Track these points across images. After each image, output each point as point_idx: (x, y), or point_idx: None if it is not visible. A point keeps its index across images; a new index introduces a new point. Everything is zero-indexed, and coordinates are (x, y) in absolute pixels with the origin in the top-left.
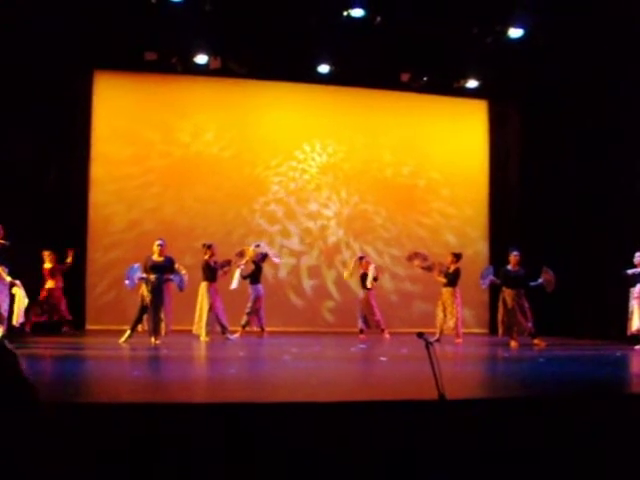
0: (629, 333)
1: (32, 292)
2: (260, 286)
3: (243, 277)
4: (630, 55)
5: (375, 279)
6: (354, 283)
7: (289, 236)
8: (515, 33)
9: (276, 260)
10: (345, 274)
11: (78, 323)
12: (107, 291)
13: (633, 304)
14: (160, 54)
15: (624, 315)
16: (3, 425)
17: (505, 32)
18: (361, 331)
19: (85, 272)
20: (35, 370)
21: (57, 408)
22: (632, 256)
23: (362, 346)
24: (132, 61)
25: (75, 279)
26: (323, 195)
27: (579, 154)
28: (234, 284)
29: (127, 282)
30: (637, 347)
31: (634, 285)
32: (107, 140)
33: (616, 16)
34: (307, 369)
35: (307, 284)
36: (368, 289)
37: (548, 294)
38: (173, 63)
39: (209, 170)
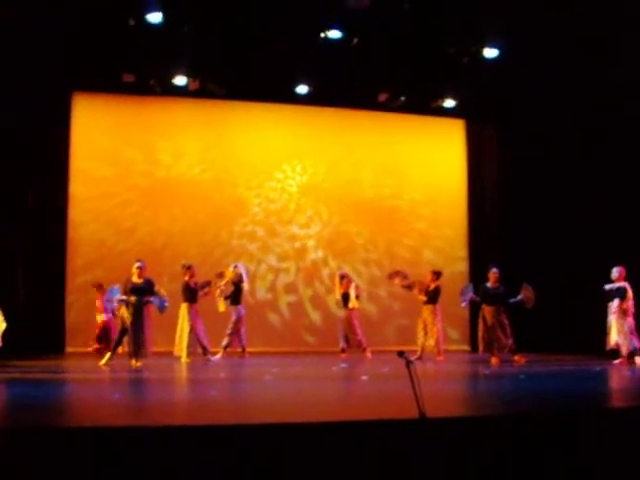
0: (608, 348)
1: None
2: (241, 307)
3: (224, 298)
4: (605, 74)
5: (357, 298)
6: (335, 303)
7: (268, 256)
8: (490, 53)
9: (245, 286)
10: (336, 294)
11: (58, 345)
12: (86, 313)
13: (611, 319)
14: (138, 76)
15: (603, 330)
16: None
17: (480, 52)
18: (342, 350)
19: (64, 293)
20: (14, 394)
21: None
22: (609, 272)
23: (343, 365)
24: (110, 83)
25: (54, 300)
26: (303, 215)
27: (555, 171)
28: (221, 307)
29: (107, 304)
30: (616, 362)
31: (612, 300)
32: (87, 161)
33: (590, 35)
34: (288, 389)
35: (286, 304)
36: (350, 308)
37: (528, 310)
38: (151, 85)
39: (189, 191)
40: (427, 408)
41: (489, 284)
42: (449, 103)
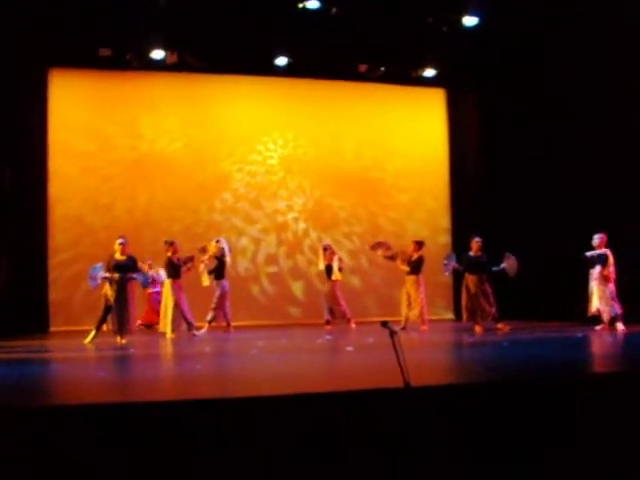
0: (589, 314)
1: None
2: (225, 281)
3: (208, 273)
4: (586, 41)
5: (340, 270)
6: (316, 275)
7: (252, 229)
8: (470, 21)
9: (227, 260)
10: (319, 266)
11: (42, 325)
12: (70, 291)
13: (592, 285)
14: (115, 50)
15: (585, 297)
16: None
17: (460, 21)
18: (327, 322)
19: (47, 271)
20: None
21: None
22: (591, 239)
23: (328, 337)
24: (87, 58)
25: (36, 279)
26: (285, 188)
27: (536, 139)
28: (205, 282)
29: (90, 282)
30: (597, 327)
31: (593, 267)
32: (65, 137)
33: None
34: (274, 362)
35: (270, 278)
36: (333, 280)
37: (510, 279)
38: (128, 59)
39: (169, 165)
40: (412, 377)
41: (472, 253)
42: (429, 72)
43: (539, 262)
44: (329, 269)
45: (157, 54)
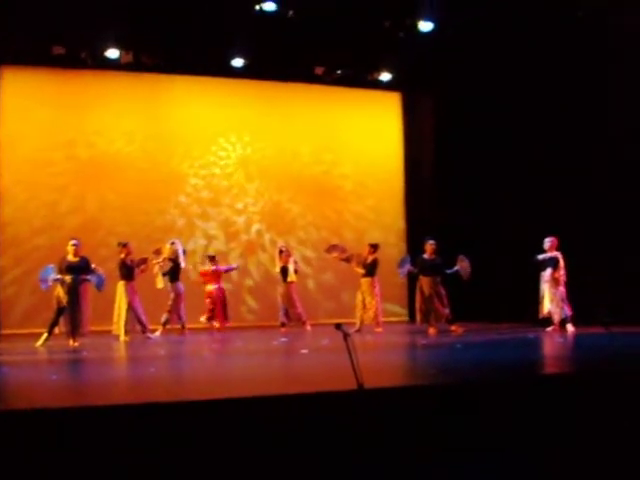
0: (541, 316)
1: None
2: (180, 283)
3: (163, 275)
4: (540, 45)
5: (295, 272)
6: (274, 277)
7: (208, 231)
8: (425, 26)
9: (182, 263)
10: (276, 268)
11: None
12: (21, 293)
13: (543, 288)
14: (68, 48)
15: (536, 299)
16: None
17: (416, 25)
18: (282, 324)
19: None
20: None
21: None
22: (542, 242)
23: (283, 339)
24: (40, 56)
25: None
26: (241, 189)
27: (490, 143)
28: (160, 284)
29: (41, 284)
30: (548, 329)
31: (544, 270)
32: (16, 136)
33: (525, 8)
34: (229, 365)
35: (227, 279)
36: (289, 282)
37: (464, 281)
38: (82, 57)
39: (123, 166)
40: (365, 379)
41: (426, 255)
42: (385, 76)
43: (492, 265)
44: (285, 271)
45: (112, 53)
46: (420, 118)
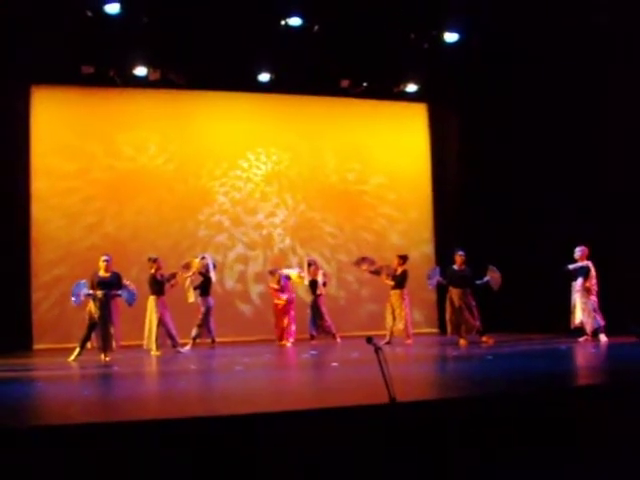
0: (572, 326)
1: None
2: (210, 298)
3: (194, 289)
4: (566, 56)
5: (324, 285)
6: (302, 290)
7: (235, 245)
8: (450, 37)
9: (212, 277)
10: (304, 281)
11: (25, 343)
12: (54, 309)
13: (575, 298)
14: (97, 67)
15: (567, 309)
16: None
17: (441, 36)
18: (312, 337)
19: (30, 289)
20: None
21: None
22: (573, 251)
23: (313, 352)
24: (69, 75)
25: (20, 298)
26: (269, 203)
27: (517, 154)
28: (190, 298)
29: (73, 299)
30: (581, 339)
31: (575, 279)
32: (48, 155)
33: (549, 17)
34: (259, 379)
35: (256, 293)
36: (318, 295)
37: (494, 292)
38: (111, 76)
39: (153, 182)
40: (397, 392)
41: (455, 266)
42: (411, 88)
43: (522, 275)
44: (314, 284)
45: (140, 71)
46: (446, 129)
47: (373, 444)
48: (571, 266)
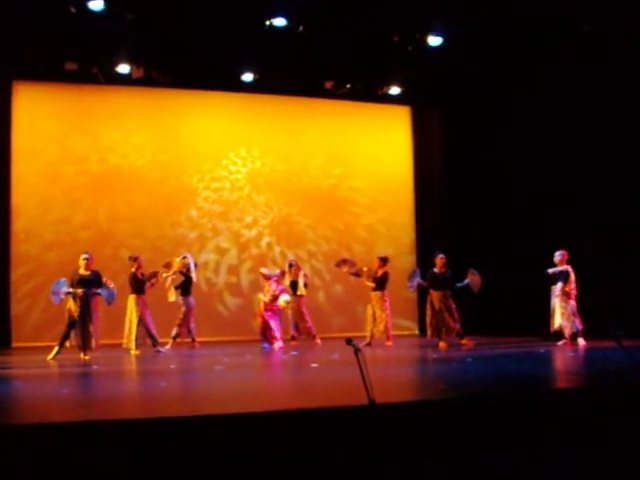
0: (552, 330)
1: None
2: (191, 298)
3: (175, 288)
4: (549, 59)
5: (305, 286)
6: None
7: (218, 244)
8: (434, 41)
9: (193, 277)
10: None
11: (3, 340)
12: (32, 307)
13: (555, 302)
14: (80, 64)
15: (547, 313)
16: None
17: (425, 40)
18: (292, 338)
19: (9, 287)
20: None
21: None
22: (552, 256)
23: (294, 353)
24: (52, 71)
25: None
26: (251, 203)
27: (499, 156)
28: (171, 297)
29: (53, 297)
30: (560, 343)
31: (555, 283)
32: (29, 151)
33: (533, 21)
34: (239, 379)
35: (238, 291)
36: (299, 296)
37: (474, 295)
38: (94, 73)
39: (135, 180)
40: (376, 394)
41: (436, 269)
42: (394, 90)
43: (502, 278)
44: (294, 285)
45: (123, 68)
46: (430, 131)
47: (352, 445)
48: (551, 270)
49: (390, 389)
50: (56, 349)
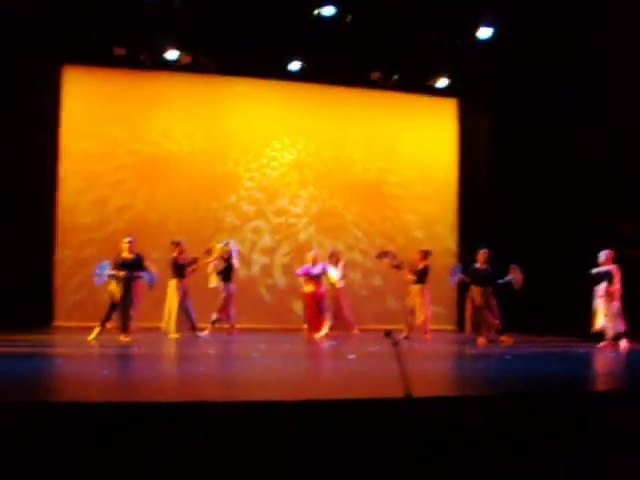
0: (593, 331)
1: None
2: (232, 284)
3: (217, 273)
4: (600, 51)
5: (344, 276)
6: (324, 280)
7: (260, 232)
8: (484, 33)
9: (235, 263)
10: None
11: (47, 320)
12: (76, 288)
13: (597, 302)
14: (129, 49)
15: (588, 313)
16: None
17: (474, 32)
18: (330, 328)
19: (54, 269)
20: (2, 368)
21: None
22: (596, 256)
23: (331, 343)
24: (101, 56)
25: (43, 276)
26: (293, 192)
27: (547, 152)
28: (213, 283)
29: (96, 279)
30: (601, 344)
31: (598, 284)
32: (76, 136)
33: (583, 13)
34: (275, 367)
35: (278, 281)
36: (337, 287)
37: (515, 292)
38: (142, 59)
39: (179, 167)
40: (413, 388)
41: (478, 264)
42: (442, 82)
43: (545, 276)
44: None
45: (171, 54)
46: (476, 125)
47: (387, 438)
48: (594, 270)
49: (427, 383)
50: (97, 330)
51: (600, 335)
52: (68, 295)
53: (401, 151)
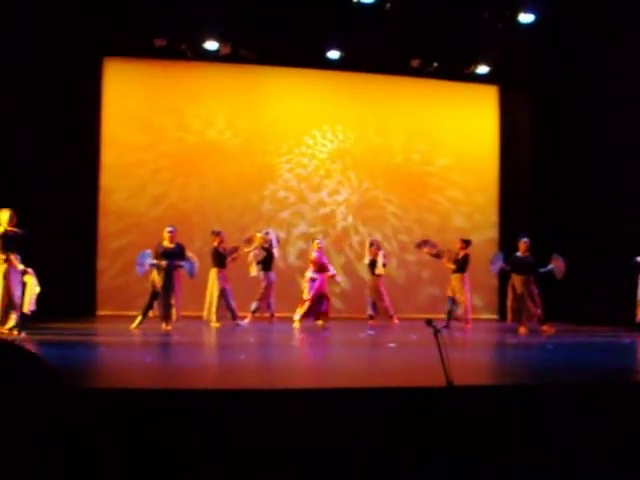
0: (637, 320)
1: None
2: (272, 273)
3: (257, 263)
4: None
5: (384, 265)
6: (363, 269)
7: (299, 222)
8: (526, 18)
9: (275, 252)
10: (365, 260)
11: (90, 309)
12: (118, 277)
13: None
14: (169, 40)
15: (632, 302)
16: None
17: (516, 17)
18: (370, 317)
19: (96, 257)
20: (47, 356)
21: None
22: None
23: (371, 332)
24: (141, 47)
25: (86, 265)
26: (333, 181)
27: (590, 139)
28: (253, 272)
29: (138, 268)
30: None
31: None
32: (118, 126)
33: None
34: (315, 355)
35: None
36: (377, 275)
37: (557, 281)
38: (182, 49)
39: (219, 156)
40: (454, 376)
41: (519, 253)
42: (482, 69)
43: (587, 265)
44: (373, 264)
45: (211, 45)
46: (517, 112)
47: (429, 427)
48: (639, 258)
49: (468, 372)
50: (139, 319)
51: None
52: (111, 285)
53: (442, 139)
